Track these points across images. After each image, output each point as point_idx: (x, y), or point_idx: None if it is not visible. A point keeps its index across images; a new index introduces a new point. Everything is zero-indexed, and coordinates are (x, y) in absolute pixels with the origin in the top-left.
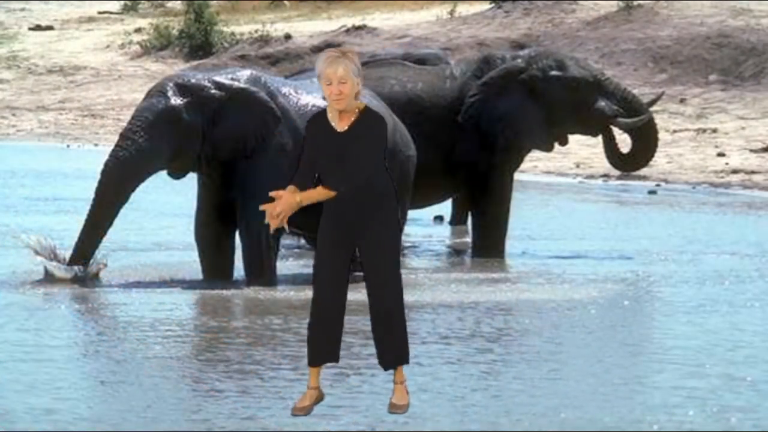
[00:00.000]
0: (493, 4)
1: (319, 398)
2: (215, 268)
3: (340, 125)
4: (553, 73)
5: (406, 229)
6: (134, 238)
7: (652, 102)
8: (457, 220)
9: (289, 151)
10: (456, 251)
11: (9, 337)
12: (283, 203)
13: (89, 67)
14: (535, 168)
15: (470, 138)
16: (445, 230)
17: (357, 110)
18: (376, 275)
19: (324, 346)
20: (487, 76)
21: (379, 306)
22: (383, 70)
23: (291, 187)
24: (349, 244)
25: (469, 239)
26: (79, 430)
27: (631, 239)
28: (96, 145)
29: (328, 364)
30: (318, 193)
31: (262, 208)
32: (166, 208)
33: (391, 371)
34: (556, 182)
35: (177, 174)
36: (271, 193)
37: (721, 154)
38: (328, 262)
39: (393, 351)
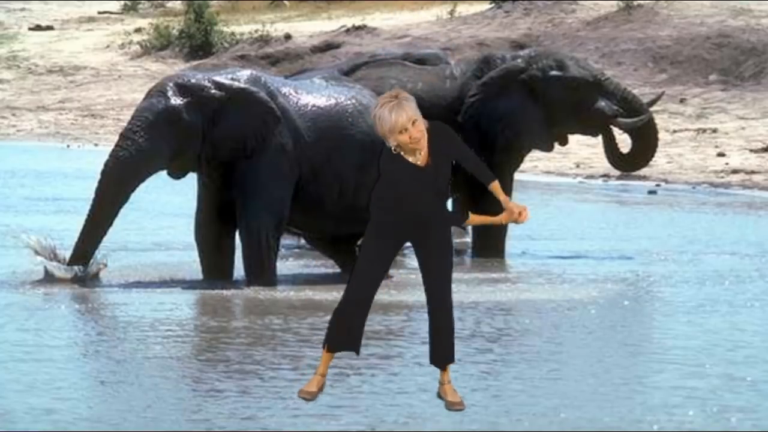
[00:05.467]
0: (493, 4)
1: (323, 386)
2: (215, 268)
3: (421, 159)
4: (553, 73)
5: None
6: (134, 238)
7: (652, 102)
8: None
9: (289, 151)
10: (456, 251)
11: (9, 337)
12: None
13: (89, 67)
14: (535, 168)
15: (470, 138)
16: None
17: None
18: (436, 280)
19: (348, 333)
20: (487, 76)
21: (439, 307)
22: (383, 70)
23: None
24: (399, 243)
25: (469, 239)
26: (79, 430)
27: (631, 239)
28: (96, 145)
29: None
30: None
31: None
32: (166, 208)
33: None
34: (556, 182)
35: (177, 174)
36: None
37: (721, 154)
38: (375, 255)
39: (446, 350)
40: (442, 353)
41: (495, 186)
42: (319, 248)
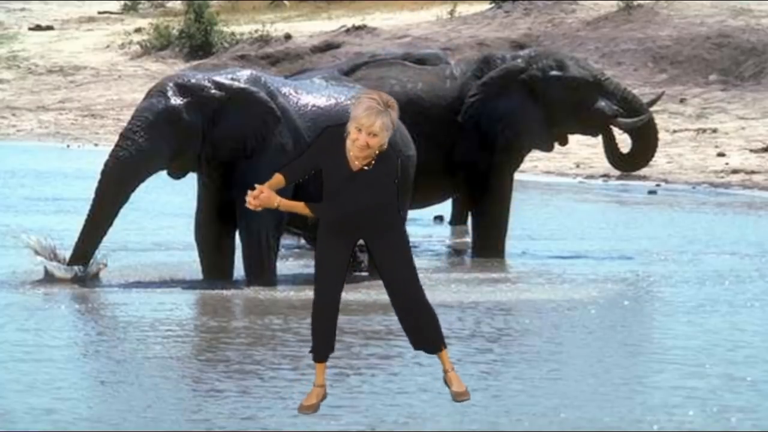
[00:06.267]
0: (493, 4)
1: (324, 396)
2: (215, 268)
3: (355, 165)
4: (553, 73)
5: (407, 229)
6: (134, 238)
7: (652, 102)
8: (457, 220)
9: (289, 151)
10: (456, 251)
11: (9, 337)
12: (263, 198)
13: (89, 67)
14: (535, 168)
15: (470, 138)
16: (445, 230)
17: (375, 154)
18: (391, 272)
19: (326, 339)
20: (487, 76)
21: (401, 298)
22: (383, 70)
23: (278, 176)
24: (350, 242)
25: (469, 239)
26: (79, 430)
27: (631, 239)
28: (96, 145)
29: (328, 365)
30: (299, 208)
31: (250, 194)
32: (166, 208)
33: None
34: (556, 182)
35: (177, 174)
36: (257, 186)
37: (721, 154)
38: (328, 256)
39: (428, 336)
40: (430, 343)
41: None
42: None
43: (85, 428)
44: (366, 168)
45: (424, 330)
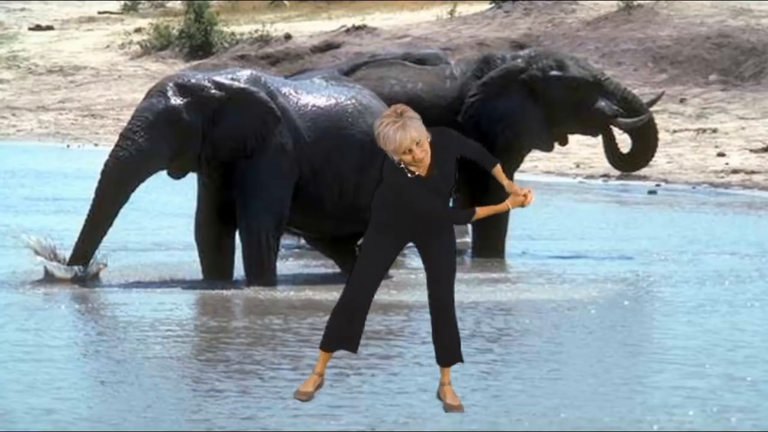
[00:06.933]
0: (493, 4)
1: (321, 385)
2: (215, 268)
3: (424, 171)
4: (553, 73)
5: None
6: (134, 238)
7: (652, 102)
8: None
9: (289, 151)
10: (456, 251)
11: (9, 337)
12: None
13: (89, 67)
14: (535, 168)
15: (470, 138)
16: None
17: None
18: (439, 281)
19: (345, 333)
20: (487, 76)
21: (441, 308)
22: (383, 70)
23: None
24: (400, 243)
25: (469, 239)
26: (79, 430)
27: (631, 239)
28: (96, 145)
29: (328, 365)
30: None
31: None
32: (166, 208)
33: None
34: (556, 182)
35: (177, 174)
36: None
37: (721, 154)
38: (375, 254)
39: (449, 350)
40: (443, 354)
41: (497, 170)
42: (319, 248)
43: (85, 428)
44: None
45: (445, 339)
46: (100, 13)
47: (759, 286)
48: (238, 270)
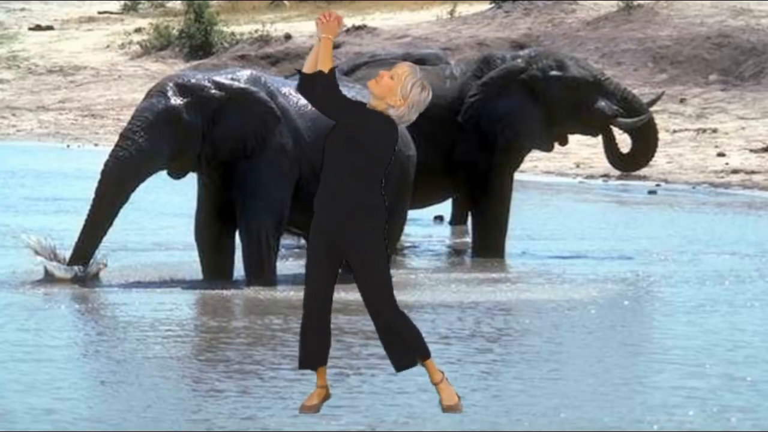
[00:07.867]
0: (493, 4)
1: (327, 397)
2: (215, 268)
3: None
4: (553, 73)
5: (406, 229)
6: (134, 238)
7: (652, 102)
8: (457, 220)
9: (289, 151)
10: (456, 251)
11: (9, 337)
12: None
13: (89, 67)
14: (535, 168)
15: (470, 138)
16: (445, 230)
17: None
18: (364, 290)
19: (317, 349)
20: (487, 76)
21: (376, 317)
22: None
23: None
24: (337, 254)
25: (469, 239)
26: (79, 430)
27: (631, 239)
28: (96, 145)
29: (328, 364)
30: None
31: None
32: (166, 208)
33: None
34: (556, 182)
35: (177, 174)
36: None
37: (721, 154)
38: (316, 271)
39: (402, 354)
40: (394, 359)
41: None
42: None
43: (85, 428)
44: None
45: (392, 345)
46: (100, 13)
47: (759, 286)
48: (238, 270)
